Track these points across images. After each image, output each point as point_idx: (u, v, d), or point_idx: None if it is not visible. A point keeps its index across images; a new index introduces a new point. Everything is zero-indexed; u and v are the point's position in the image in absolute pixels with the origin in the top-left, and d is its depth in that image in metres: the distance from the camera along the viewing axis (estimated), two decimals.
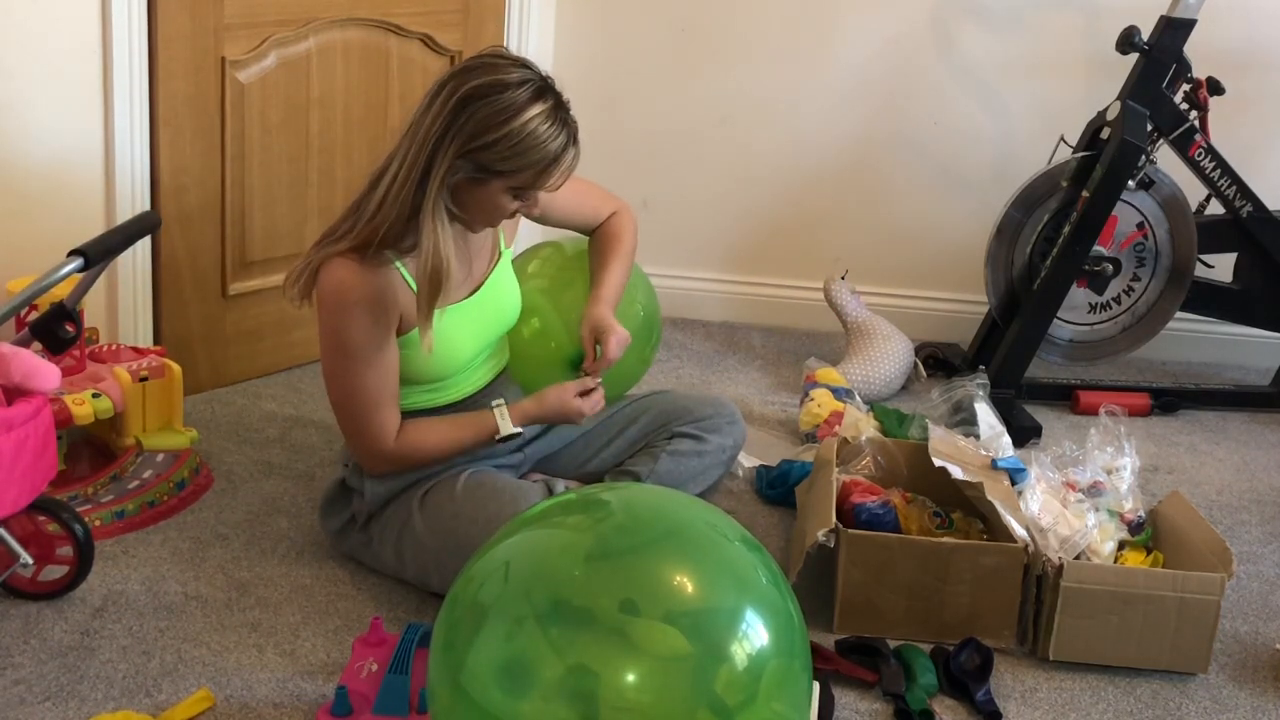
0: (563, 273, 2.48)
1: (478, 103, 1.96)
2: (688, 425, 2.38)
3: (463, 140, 1.97)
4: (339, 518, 2.27)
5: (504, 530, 1.61)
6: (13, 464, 1.95)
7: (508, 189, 2.03)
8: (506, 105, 1.96)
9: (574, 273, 2.44)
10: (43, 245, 2.43)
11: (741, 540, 1.60)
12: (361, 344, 2.07)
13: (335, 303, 2.06)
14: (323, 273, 2.07)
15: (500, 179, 2.01)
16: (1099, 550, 2.22)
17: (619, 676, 1.44)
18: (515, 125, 1.95)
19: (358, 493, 2.22)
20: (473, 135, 1.97)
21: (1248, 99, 3.25)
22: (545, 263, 2.52)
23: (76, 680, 1.95)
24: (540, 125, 1.96)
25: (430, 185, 2.00)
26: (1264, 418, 3.22)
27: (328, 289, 2.07)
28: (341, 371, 2.11)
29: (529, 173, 2.00)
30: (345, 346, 2.08)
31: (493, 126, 1.96)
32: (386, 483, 2.20)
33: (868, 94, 3.47)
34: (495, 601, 1.50)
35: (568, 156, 2.01)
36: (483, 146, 1.97)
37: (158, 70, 2.67)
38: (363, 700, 1.86)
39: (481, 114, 1.96)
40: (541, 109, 1.97)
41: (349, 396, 2.12)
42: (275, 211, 2.95)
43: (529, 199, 2.07)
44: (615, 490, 1.76)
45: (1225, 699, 2.10)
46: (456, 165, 1.99)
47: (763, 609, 1.52)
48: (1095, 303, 3.18)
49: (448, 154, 1.98)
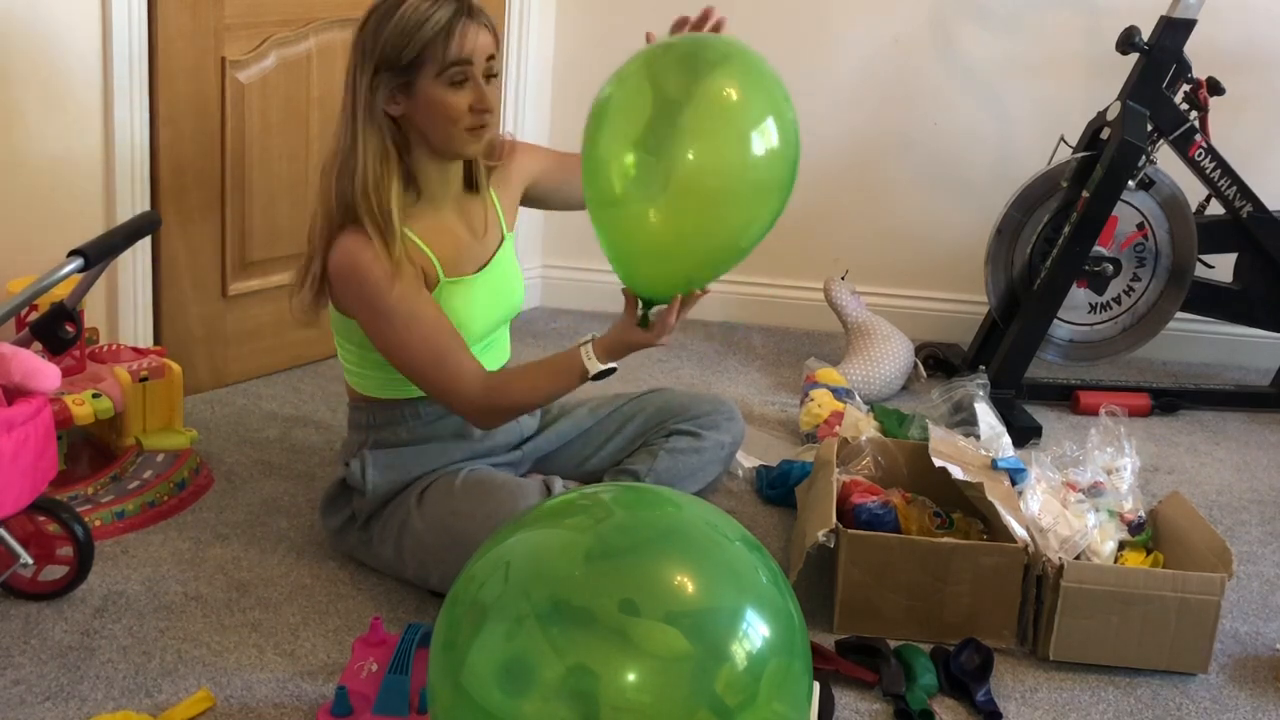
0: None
1: (370, 19, 2.05)
2: (686, 423, 2.38)
3: (368, 55, 2.04)
4: (339, 516, 2.28)
5: (504, 530, 1.60)
6: (13, 464, 1.95)
7: (434, 79, 2.04)
8: (393, 4, 2.03)
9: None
10: (43, 245, 2.43)
11: (741, 540, 1.60)
12: (392, 302, 2.05)
13: (349, 270, 2.06)
14: (330, 263, 2.08)
15: (419, 72, 2.03)
16: (1099, 550, 2.22)
17: (619, 676, 1.43)
18: (400, 12, 2.02)
19: (358, 491, 2.22)
20: (373, 44, 2.03)
21: (1248, 99, 3.25)
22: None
23: (76, 680, 1.95)
24: (424, 4, 2.02)
25: (358, 118, 2.05)
26: (1264, 418, 3.22)
27: (337, 263, 2.07)
28: (392, 339, 2.09)
29: (435, 48, 2.02)
30: (380, 310, 2.07)
31: (384, 25, 2.02)
32: (387, 480, 2.20)
33: (868, 94, 3.47)
34: (495, 601, 1.50)
35: (462, 19, 2.03)
36: (384, 48, 2.02)
37: (158, 70, 2.67)
38: (363, 700, 1.86)
39: (373, 23, 2.04)
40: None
41: (410, 358, 2.10)
42: (275, 211, 2.95)
43: (471, 82, 2.05)
44: (615, 490, 1.76)
45: (1225, 699, 2.10)
46: (376, 85, 2.04)
47: (763, 609, 1.52)
48: (1095, 303, 3.18)
49: (365, 79, 2.04)
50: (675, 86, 1.90)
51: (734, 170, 1.90)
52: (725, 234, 1.96)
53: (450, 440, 2.24)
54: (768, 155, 1.90)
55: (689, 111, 1.87)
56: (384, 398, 2.22)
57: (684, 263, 1.99)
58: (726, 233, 1.96)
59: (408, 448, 2.22)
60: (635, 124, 1.89)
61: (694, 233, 1.93)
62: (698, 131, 1.87)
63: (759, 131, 1.89)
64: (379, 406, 2.23)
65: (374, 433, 2.23)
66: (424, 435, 2.23)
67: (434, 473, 2.21)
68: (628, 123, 1.90)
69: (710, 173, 1.88)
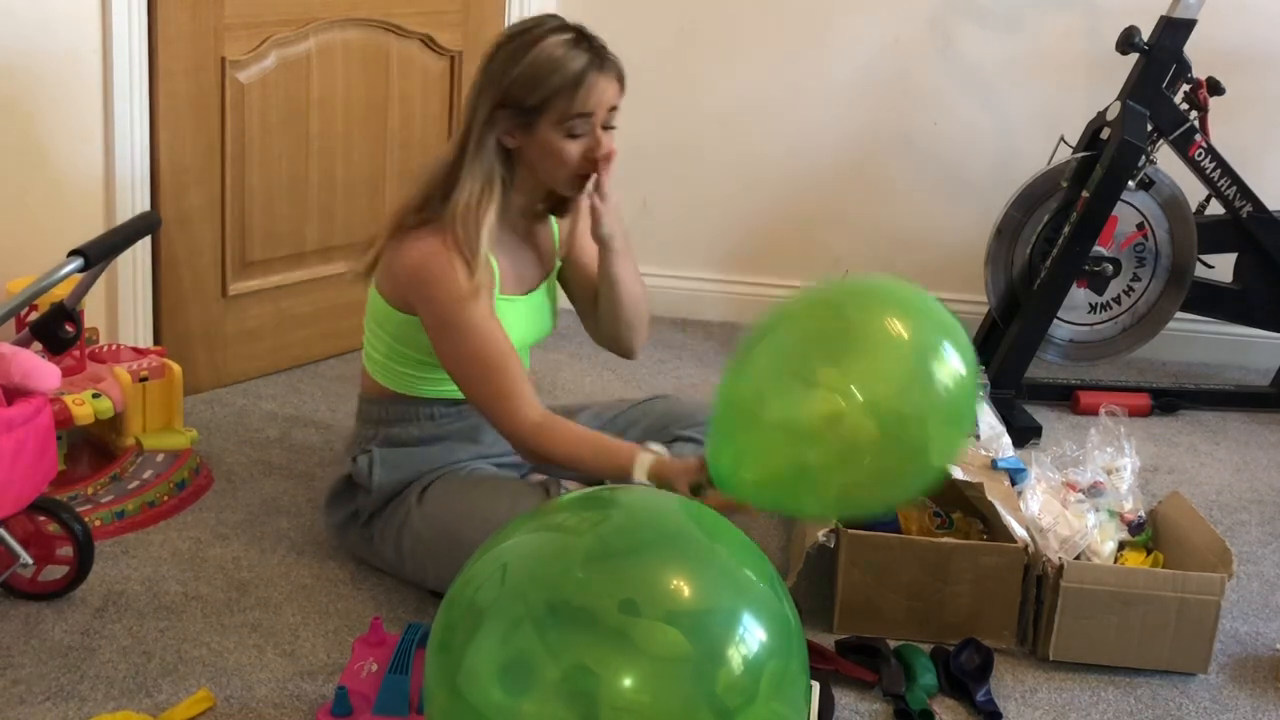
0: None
1: (501, 50, 2.05)
2: (689, 430, 2.38)
3: (494, 89, 2.04)
4: (342, 512, 2.27)
5: (502, 531, 1.60)
6: (13, 464, 1.95)
7: (554, 126, 2.04)
8: (527, 41, 2.04)
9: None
10: (43, 245, 2.43)
11: (738, 542, 1.60)
12: (467, 316, 2.05)
13: (425, 274, 2.06)
14: (402, 255, 2.08)
15: (541, 116, 2.03)
16: (1099, 550, 2.22)
17: (619, 677, 1.43)
18: (534, 53, 2.02)
19: (363, 489, 2.22)
20: (501, 78, 2.03)
21: (1248, 99, 3.25)
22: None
23: (76, 680, 1.95)
24: (558, 49, 2.02)
25: (470, 143, 2.05)
26: (1264, 418, 3.22)
27: (413, 263, 2.07)
28: (461, 351, 2.08)
29: (562, 98, 2.02)
30: (451, 322, 2.06)
31: (516, 62, 2.02)
32: (393, 480, 2.20)
33: (868, 94, 3.47)
34: (493, 603, 1.50)
35: (593, 72, 2.02)
36: (511, 85, 2.02)
37: (158, 70, 2.67)
38: (363, 700, 1.86)
39: (504, 56, 2.04)
40: (560, 37, 2.04)
41: (473, 376, 2.09)
42: (275, 211, 2.95)
43: (587, 135, 2.06)
44: (614, 492, 1.75)
45: (1225, 699, 2.10)
46: (496, 117, 2.04)
47: (760, 610, 1.52)
48: (1095, 303, 3.18)
49: (485, 108, 2.05)
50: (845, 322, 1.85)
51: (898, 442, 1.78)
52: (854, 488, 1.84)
53: (459, 441, 2.24)
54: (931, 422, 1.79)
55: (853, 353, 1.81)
56: (403, 393, 2.21)
57: (778, 493, 1.88)
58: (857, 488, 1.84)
59: (417, 448, 2.22)
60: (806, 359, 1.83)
61: (814, 475, 1.81)
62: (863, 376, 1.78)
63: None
64: (394, 402, 2.22)
65: (385, 428, 2.23)
66: (434, 435, 2.23)
67: (436, 471, 2.21)
68: (799, 356, 1.84)
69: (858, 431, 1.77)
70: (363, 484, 2.21)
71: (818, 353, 1.84)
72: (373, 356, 2.24)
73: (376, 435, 2.23)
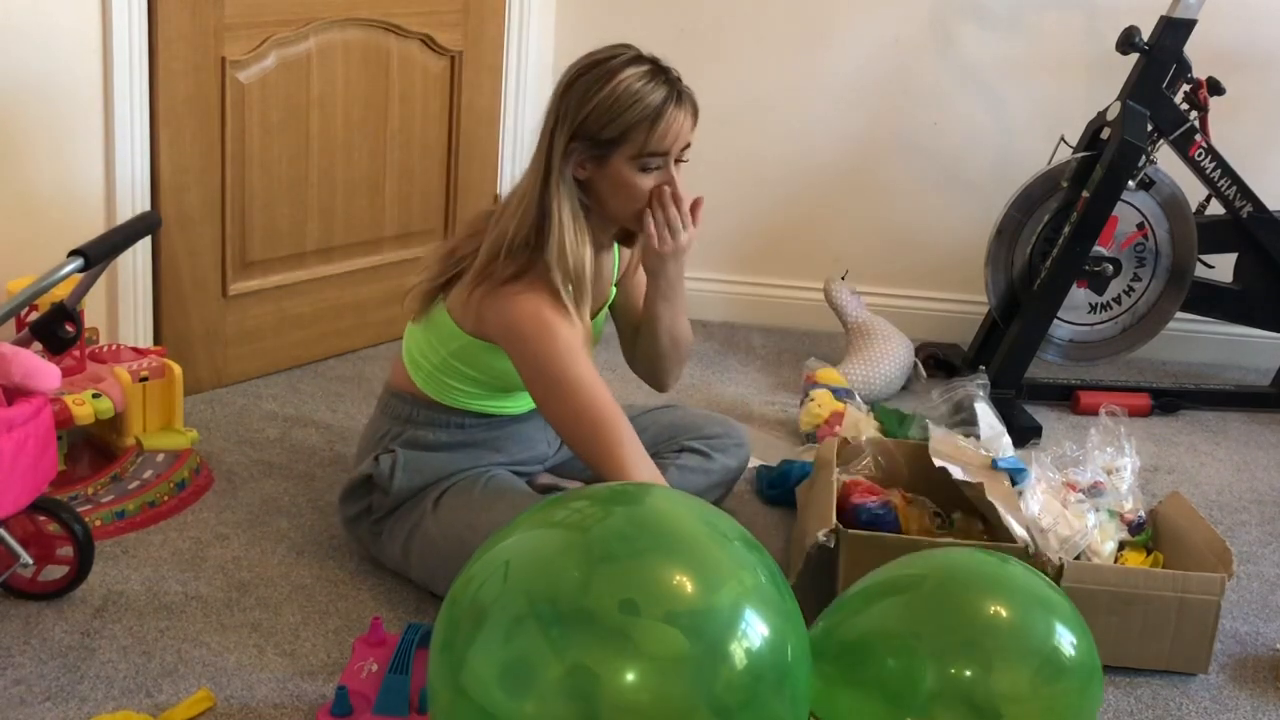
0: None
1: (578, 81, 2.03)
2: (696, 440, 2.38)
3: (570, 120, 2.01)
4: (356, 506, 2.27)
5: (504, 530, 1.60)
6: (13, 464, 1.95)
7: (629, 160, 2.03)
8: (604, 73, 2.01)
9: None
10: (43, 245, 2.43)
11: (741, 540, 1.60)
12: (568, 365, 2.01)
13: (533, 329, 2.01)
14: (502, 309, 2.03)
15: (616, 149, 2.02)
16: (1099, 550, 2.22)
17: (619, 676, 1.43)
18: (611, 86, 2.00)
19: (380, 488, 2.21)
20: (578, 110, 2.01)
21: (1248, 99, 3.25)
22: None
23: (76, 680, 1.95)
24: (636, 82, 2.00)
25: (551, 179, 2.02)
26: (1264, 418, 3.22)
27: (520, 319, 2.01)
28: (559, 403, 2.04)
29: (639, 132, 2.00)
30: (553, 373, 2.02)
31: (592, 95, 2.00)
32: (412, 485, 2.19)
33: (868, 94, 3.47)
34: (495, 601, 1.50)
35: (670, 108, 2.02)
36: (588, 118, 2.00)
37: (158, 70, 2.67)
38: (363, 700, 1.86)
39: (581, 87, 2.02)
40: (637, 69, 2.02)
41: (573, 424, 2.04)
42: (275, 211, 2.95)
43: (661, 170, 2.05)
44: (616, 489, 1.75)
45: (1225, 699, 2.10)
46: (571, 149, 2.02)
47: (763, 609, 1.52)
48: (1095, 303, 3.18)
49: (562, 141, 2.02)
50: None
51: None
52: None
53: (483, 450, 2.23)
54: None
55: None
56: (439, 401, 2.20)
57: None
58: None
59: (440, 453, 2.21)
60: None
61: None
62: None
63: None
64: (427, 406, 2.21)
65: (411, 427, 2.21)
66: (460, 441, 2.22)
67: (454, 476, 2.20)
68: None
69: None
70: (382, 485, 2.20)
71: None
72: (418, 362, 2.21)
73: (402, 434, 2.22)
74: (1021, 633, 1.69)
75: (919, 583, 1.76)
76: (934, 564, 1.81)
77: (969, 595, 1.71)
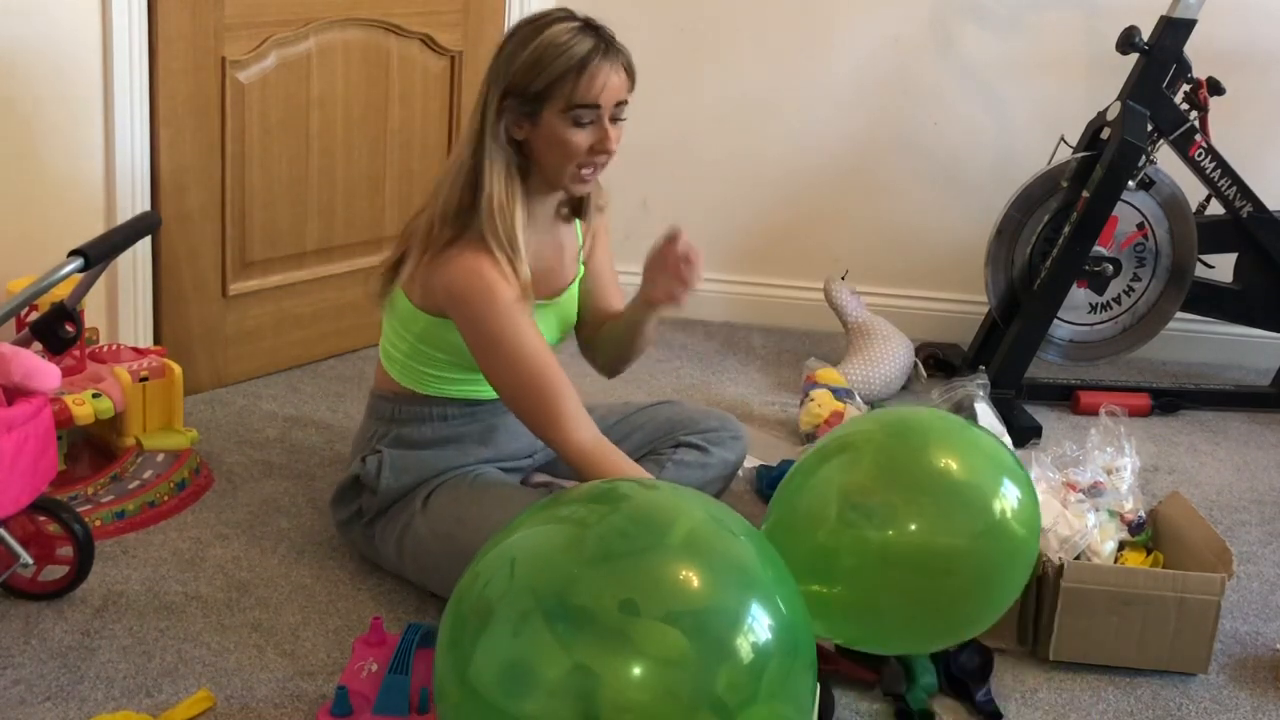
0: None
1: (510, 40, 2.05)
2: (693, 435, 2.38)
3: (501, 77, 2.03)
4: (347, 509, 2.27)
5: (510, 525, 1.60)
6: (13, 464, 1.95)
7: (560, 114, 2.02)
8: (533, 29, 2.03)
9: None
10: (43, 245, 2.43)
11: (747, 535, 1.60)
12: (508, 329, 2.04)
13: (472, 289, 2.03)
14: (442, 273, 2.05)
15: (545, 103, 2.02)
16: (1099, 550, 2.22)
17: (619, 676, 1.43)
18: (538, 40, 2.01)
19: (369, 489, 2.22)
20: (507, 67, 2.03)
21: (1248, 99, 3.25)
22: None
23: (76, 680, 1.95)
24: (564, 35, 2.01)
25: (485, 138, 2.04)
26: (1264, 418, 3.22)
27: (459, 282, 2.04)
28: (499, 365, 2.07)
29: (565, 83, 2.00)
30: (495, 335, 2.04)
31: (521, 51, 2.02)
32: (400, 483, 2.19)
33: (868, 94, 3.47)
34: (501, 598, 1.50)
35: (597, 58, 2.01)
36: (516, 72, 2.01)
37: (158, 70, 2.67)
38: (363, 700, 1.86)
39: (511, 46, 2.04)
40: (566, 25, 2.03)
41: (515, 389, 2.07)
42: (275, 211, 2.95)
43: (595, 125, 2.04)
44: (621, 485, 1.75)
45: (1225, 699, 2.10)
46: (504, 108, 2.03)
47: (767, 607, 1.51)
48: (1095, 303, 3.18)
49: (495, 100, 2.03)
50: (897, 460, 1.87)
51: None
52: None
53: (470, 444, 2.23)
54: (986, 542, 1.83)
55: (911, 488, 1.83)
56: (420, 392, 2.20)
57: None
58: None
59: (427, 450, 2.21)
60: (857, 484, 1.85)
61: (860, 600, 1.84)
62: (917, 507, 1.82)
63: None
64: (409, 401, 2.22)
65: (397, 427, 2.22)
66: (446, 436, 2.22)
67: (443, 475, 2.21)
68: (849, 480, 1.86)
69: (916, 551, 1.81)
70: (370, 485, 2.21)
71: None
72: (392, 355, 2.23)
73: (388, 434, 2.23)
74: (966, 488, 1.82)
75: (869, 438, 1.90)
76: (884, 420, 1.98)
77: (916, 450, 1.85)
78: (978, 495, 1.84)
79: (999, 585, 1.88)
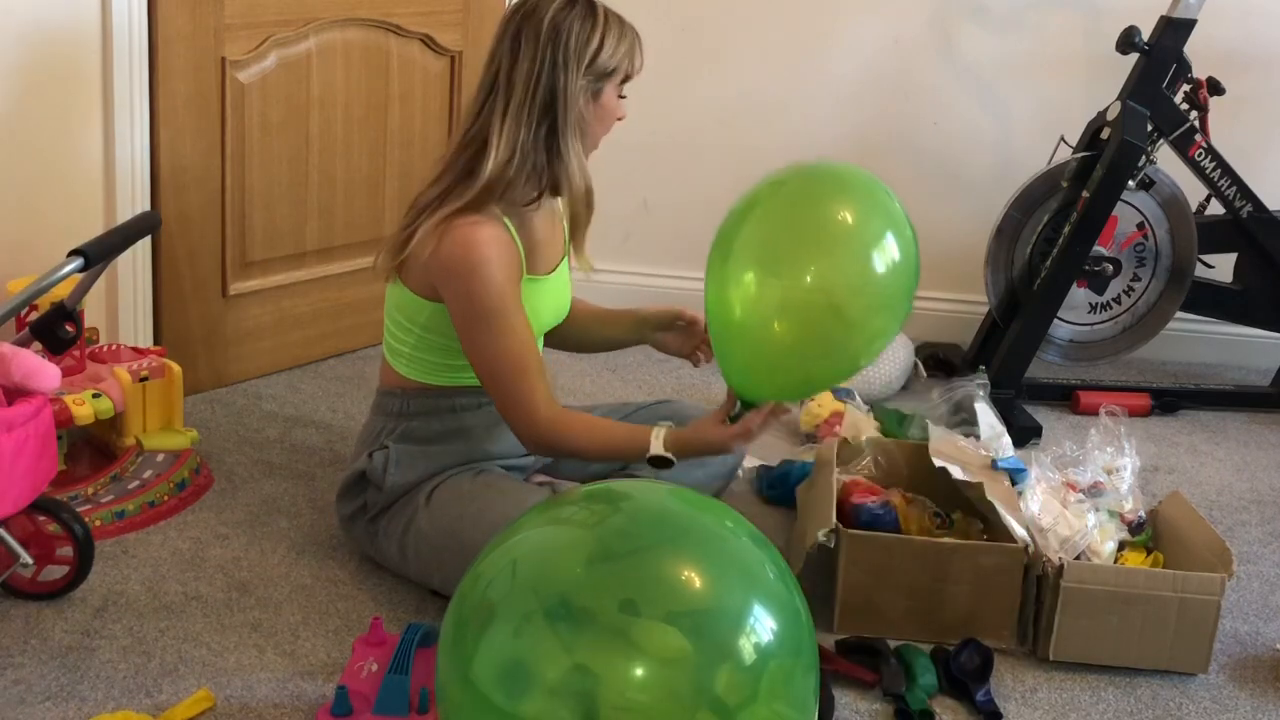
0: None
1: (564, 22, 2.08)
2: None
3: (578, 59, 2.08)
4: (351, 504, 2.27)
5: (512, 527, 1.60)
6: (13, 464, 1.95)
7: (617, 86, 2.14)
8: (583, 11, 2.10)
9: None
10: (43, 245, 2.44)
11: (749, 536, 1.60)
12: (497, 305, 2.07)
13: (466, 262, 2.06)
14: (444, 237, 2.07)
15: (610, 79, 2.12)
16: (1099, 550, 2.22)
17: (619, 677, 1.43)
18: (601, 20, 2.10)
19: (374, 485, 2.22)
20: (584, 48, 2.08)
21: (1248, 99, 3.25)
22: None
23: (76, 680, 1.95)
24: (612, 15, 2.12)
25: (560, 116, 2.08)
26: (1264, 418, 3.22)
27: (455, 250, 2.06)
28: (482, 339, 2.09)
29: (631, 58, 2.14)
30: (482, 310, 2.07)
31: (591, 34, 2.09)
32: (406, 480, 2.19)
33: (868, 94, 3.47)
34: (503, 598, 1.50)
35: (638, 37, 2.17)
36: (595, 54, 2.09)
37: (158, 70, 2.67)
38: (363, 700, 1.86)
39: (571, 27, 2.08)
40: (598, 5, 2.13)
41: (493, 363, 2.10)
42: (275, 211, 2.95)
43: (623, 94, 2.18)
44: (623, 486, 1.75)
45: (1225, 699, 2.10)
46: (581, 87, 2.10)
47: (767, 607, 1.51)
48: (1095, 303, 3.18)
49: (570, 79, 2.09)
50: (793, 214, 2.09)
51: (852, 290, 2.02)
52: (840, 350, 2.07)
53: (477, 438, 2.24)
54: (884, 276, 2.02)
55: (807, 234, 2.05)
56: (428, 384, 2.21)
57: (797, 375, 2.10)
58: (841, 349, 2.07)
59: (433, 445, 2.21)
60: (758, 247, 2.08)
61: (813, 351, 2.05)
62: (816, 253, 2.03)
63: (877, 252, 2.03)
64: (416, 395, 2.22)
65: (405, 421, 2.22)
66: (454, 429, 2.22)
67: (448, 471, 2.21)
68: (751, 246, 2.09)
69: (828, 292, 2.01)
70: (376, 481, 2.21)
71: (775, 250, 2.08)
72: (397, 350, 2.23)
73: (396, 429, 2.22)
74: (858, 233, 2.05)
75: (778, 189, 2.14)
76: (795, 172, 2.18)
77: (817, 200, 2.10)
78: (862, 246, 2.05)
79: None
